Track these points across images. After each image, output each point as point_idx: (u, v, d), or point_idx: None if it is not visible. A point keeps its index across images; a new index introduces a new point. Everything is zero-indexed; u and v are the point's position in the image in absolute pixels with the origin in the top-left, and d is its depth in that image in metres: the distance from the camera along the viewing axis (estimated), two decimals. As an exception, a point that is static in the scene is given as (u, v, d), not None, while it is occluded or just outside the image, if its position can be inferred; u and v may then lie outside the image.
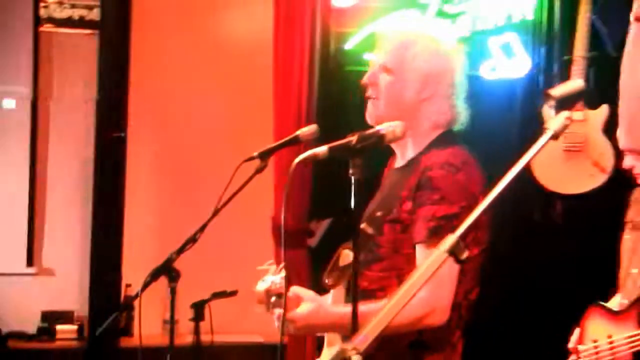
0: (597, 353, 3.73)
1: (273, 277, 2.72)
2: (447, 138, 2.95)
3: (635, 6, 2.24)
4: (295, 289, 2.76)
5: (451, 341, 2.85)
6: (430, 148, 2.91)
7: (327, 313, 2.75)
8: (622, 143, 2.77)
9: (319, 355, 3.12)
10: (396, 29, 3.08)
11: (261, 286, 2.73)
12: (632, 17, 2.27)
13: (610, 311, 3.76)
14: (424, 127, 2.94)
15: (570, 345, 3.80)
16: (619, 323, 3.75)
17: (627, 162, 3.72)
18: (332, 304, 2.88)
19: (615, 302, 3.77)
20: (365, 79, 3.01)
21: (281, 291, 2.69)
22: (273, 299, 2.70)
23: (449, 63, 2.97)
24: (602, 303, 3.79)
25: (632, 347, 3.61)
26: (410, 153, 2.95)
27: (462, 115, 2.98)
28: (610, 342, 3.69)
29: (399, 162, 3.03)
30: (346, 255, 2.94)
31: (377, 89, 2.98)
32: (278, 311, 2.71)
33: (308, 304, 2.74)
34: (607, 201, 4.40)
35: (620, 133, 2.72)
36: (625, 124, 2.55)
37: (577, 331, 3.83)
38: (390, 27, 3.13)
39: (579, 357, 3.76)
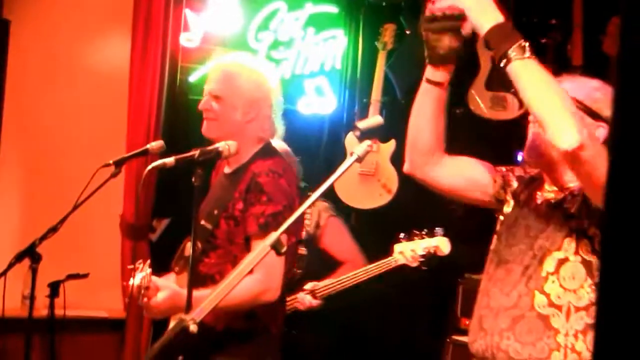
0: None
1: (141, 274, 2.71)
2: (269, 150, 3.03)
3: (426, 71, 2.38)
4: (155, 280, 2.76)
5: (275, 310, 2.94)
6: (256, 158, 2.97)
7: (179, 297, 2.74)
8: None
9: (154, 328, 3.12)
10: (224, 63, 3.10)
11: (133, 282, 2.72)
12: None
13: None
14: (249, 141, 3.00)
15: None
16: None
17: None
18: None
19: None
20: (200, 106, 3.05)
21: (147, 284, 2.71)
22: (142, 291, 2.70)
23: (268, 89, 3.04)
24: None
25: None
26: (238, 161, 3.00)
27: (280, 130, 3.08)
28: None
29: (227, 168, 3.06)
30: (190, 247, 2.96)
31: (211, 113, 3.02)
32: (145, 300, 2.73)
33: (164, 291, 2.75)
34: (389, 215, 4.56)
35: None
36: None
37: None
38: (219, 62, 3.16)
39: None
